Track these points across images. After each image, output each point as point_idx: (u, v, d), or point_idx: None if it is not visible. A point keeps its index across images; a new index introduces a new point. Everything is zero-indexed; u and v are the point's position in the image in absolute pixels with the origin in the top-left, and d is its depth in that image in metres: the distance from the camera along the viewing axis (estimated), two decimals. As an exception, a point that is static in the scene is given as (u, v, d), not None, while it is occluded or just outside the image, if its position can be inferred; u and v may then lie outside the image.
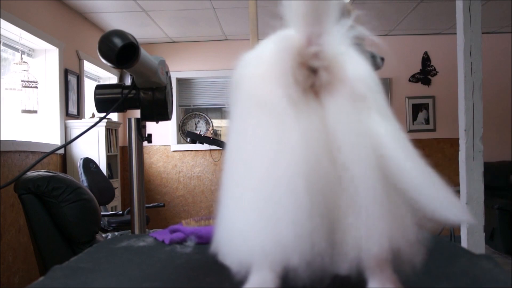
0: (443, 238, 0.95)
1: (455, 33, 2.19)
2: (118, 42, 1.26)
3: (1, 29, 3.17)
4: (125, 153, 4.98)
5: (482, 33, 2.10)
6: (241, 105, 0.56)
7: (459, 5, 2.13)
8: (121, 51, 1.26)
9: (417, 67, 5.59)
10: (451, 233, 4.42)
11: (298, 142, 0.50)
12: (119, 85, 1.55)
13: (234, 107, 0.58)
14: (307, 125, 0.50)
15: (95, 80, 5.01)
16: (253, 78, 0.56)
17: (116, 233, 3.32)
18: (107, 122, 4.15)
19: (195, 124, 5.73)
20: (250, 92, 0.55)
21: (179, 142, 5.63)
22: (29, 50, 3.76)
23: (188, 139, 5.59)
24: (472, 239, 2.39)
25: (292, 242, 0.49)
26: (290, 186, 0.49)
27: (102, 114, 1.52)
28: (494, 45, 5.46)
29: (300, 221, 0.49)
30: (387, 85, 5.56)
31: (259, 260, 0.51)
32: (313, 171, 0.50)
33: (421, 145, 5.55)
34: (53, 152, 1.45)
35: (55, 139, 3.84)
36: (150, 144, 5.40)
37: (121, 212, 3.71)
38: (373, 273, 0.52)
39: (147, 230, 1.68)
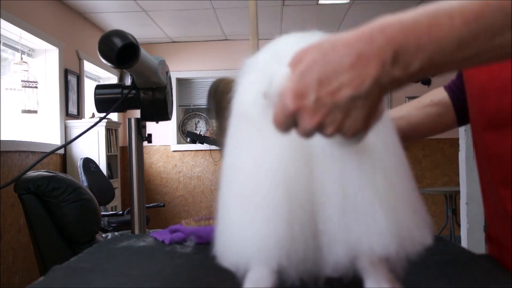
0: (443, 238, 0.95)
1: (455, 33, 2.19)
2: (118, 42, 1.26)
3: (1, 29, 3.16)
4: (125, 153, 4.98)
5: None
6: (234, 112, 0.58)
7: (459, 5, 2.13)
8: (121, 51, 1.26)
9: (417, 67, 5.59)
10: (451, 233, 4.42)
11: (277, 153, 0.52)
12: (119, 85, 1.55)
13: (232, 112, 0.59)
14: (287, 136, 0.51)
15: (95, 80, 5.01)
16: (242, 87, 0.57)
17: (116, 233, 3.32)
18: (107, 122, 4.15)
19: (195, 124, 5.73)
20: (239, 102, 0.57)
21: (179, 142, 5.63)
22: (29, 50, 3.76)
23: (188, 139, 5.59)
24: (472, 239, 2.39)
25: (272, 249, 0.51)
26: (268, 196, 0.51)
27: (102, 114, 1.52)
28: (494, 45, 5.46)
29: (279, 230, 0.50)
30: (387, 85, 5.56)
31: (245, 263, 0.53)
32: (292, 181, 0.51)
33: (421, 145, 5.55)
34: (53, 152, 1.45)
35: (55, 139, 3.84)
36: (150, 144, 5.40)
37: (121, 212, 3.71)
38: (368, 273, 0.52)
39: (147, 230, 1.68)
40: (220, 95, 0.85)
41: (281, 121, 0.46)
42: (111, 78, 5.21)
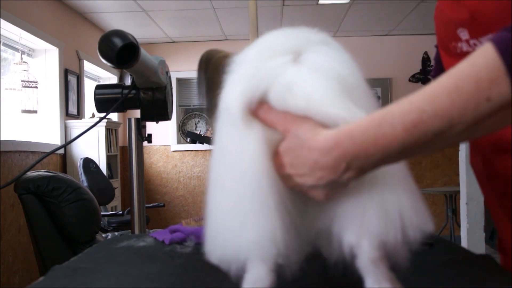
0: (443, 238, 0.95)
1: (455, 33, 2.18)
2: (118, 42, 1.26)
3: (1, 29, 3.16)
4: (125, 153, 4.97)
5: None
6: (221, 108, 0.59)
7: (459, 5, 2.13)
8: (121, 51, 1.26)
9: (417, 67, 5.59)
10: (451, 233, 4.42)
11: (258, 144, 0.53)
12: (119, 85, 1.55)
13: (220, 108, 0.59)
14: (261, 130, 0.53)
15: (95, 80, 5.01)
16: (229, 83, 0.58)
17: (116, 233, 3.32)
18: (107, 122, 4.15)
19: (195, 124, 5.73)
20: (225, 97, 0.57)
21: (179, 142, 5.63)
22: (29, 50, 3.76)
23: (188, 139, 5.58)
24: (472, 239, 2.39)
25: (260, 239, 0.51)
26: (252, 185, 0.52)
27: (102, 114, 1.52)
28: (494, 45, 5.45)
29: (266, 219, 0.51)
30: (387, 85, 5.56)
31: (234, 259, 0.53)
32: (273, 171, 0.53)
33: (421, 145, 5.55)
34: (53, 152, 1.45)
35: (55, 139, 3.84)
36: (150, 144, 5.40)
37: (121, 212, 3.71)
38: (368, 271, 0.52)
39: (147, 230, 1.68)
40: (212, 71, 0.82)
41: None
42: (111, 78, 5.21)
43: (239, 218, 0.52)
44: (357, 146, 0.48)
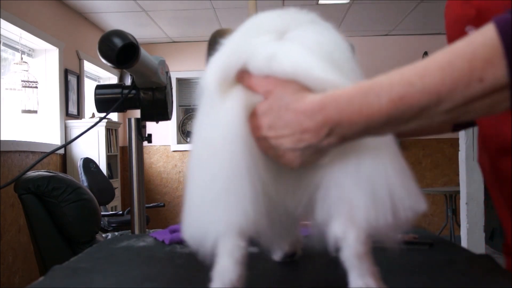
0: (443, 238, 0.95)
1: (455, 33, 2.18)
2: (118, 42, 1.26)
3: (1, 29, 3.16)
4: (125, 153, 4.97)
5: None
6: (202, 85, 0.59)
7: (459, 5, 2.12)
8: (121, 51, 1.26)
9: (417, 67, 5.59)
10: (451, 233, 4.42)
11: (229, 113, 0.52)
12: (119, 85, 1.55)
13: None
14: (239, 96, 0.53)
15: (95, 80, 5.00)
16: (211, 62, 0.58)
17: (116, 233, 3.32)
18: (107, 122, 4.15)
19: (195, 124, 5.73)
20: (205, 74, 0.57)
21: (179, 142, 5.63)
22: (29, 50, 3.76)
23: (188, 139, 5.58)
24: (472, 239, 2.39)
25: (231, 211, 0.50)
26: (227, 150, 0.51)
27: (102, 114, 1.52)
28: (494, 45, 5.44)
29: (240, 191, 0.50)
30: (387, 85, 5.56)
31: (205, 234, 0.53)
32: (251, 140, 0.52)
33: (421, 145, 5.55)
34: (53, 152, 1.45)
35: (55, 139, 3.84)
36: (150, 144, 5.40)
37: (121, 212, 3.71)
38: (353, 266, 0.51)
39: (147, 230, 1.68)
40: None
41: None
42: (111, 78, 5.21)
43: (213, 190, 0.51)
44: (341, 113, 0.47)
